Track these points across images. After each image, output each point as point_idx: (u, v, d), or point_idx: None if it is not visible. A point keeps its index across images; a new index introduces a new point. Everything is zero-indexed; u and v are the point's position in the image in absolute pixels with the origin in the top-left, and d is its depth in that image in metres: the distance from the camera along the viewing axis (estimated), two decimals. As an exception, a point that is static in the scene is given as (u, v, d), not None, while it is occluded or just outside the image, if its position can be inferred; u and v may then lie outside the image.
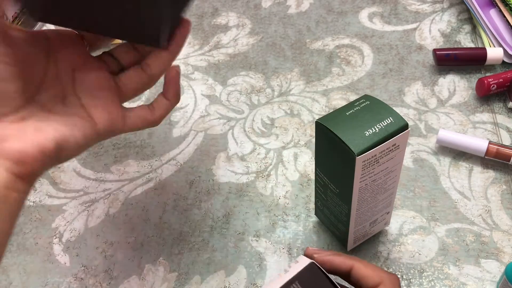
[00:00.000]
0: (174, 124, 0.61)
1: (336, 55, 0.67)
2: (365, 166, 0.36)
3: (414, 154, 0.54)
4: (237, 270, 0.46)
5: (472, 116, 0.57)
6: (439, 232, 0.47)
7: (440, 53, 0.61)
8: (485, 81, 0.57)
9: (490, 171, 0.51)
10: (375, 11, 0.74)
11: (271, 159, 0.55)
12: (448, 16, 0.71)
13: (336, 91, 0.62)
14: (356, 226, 0.42)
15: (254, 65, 0.68)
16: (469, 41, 0.66)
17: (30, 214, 0.54)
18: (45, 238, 0.51)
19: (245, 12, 0.78)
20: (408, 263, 0.45)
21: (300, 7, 0.77)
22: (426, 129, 0.56)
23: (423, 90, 0.61)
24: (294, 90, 0.63)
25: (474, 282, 0.43)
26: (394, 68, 0.64)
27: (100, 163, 0.58)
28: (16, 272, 0.49)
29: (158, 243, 0.50)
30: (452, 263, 0.44)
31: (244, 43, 0.72)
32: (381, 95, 0.61)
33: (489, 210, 0.48)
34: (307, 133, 0.58)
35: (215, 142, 0.58)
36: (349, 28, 0.71)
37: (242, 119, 0.61)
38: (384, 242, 0.47)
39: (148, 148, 0.59)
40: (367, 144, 0.35)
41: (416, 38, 0.68)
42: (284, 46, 0.70)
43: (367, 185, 0.38)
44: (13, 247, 0.51)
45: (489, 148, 0.51)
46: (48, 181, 0.57)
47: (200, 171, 0.55)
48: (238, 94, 0.64)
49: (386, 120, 0.37)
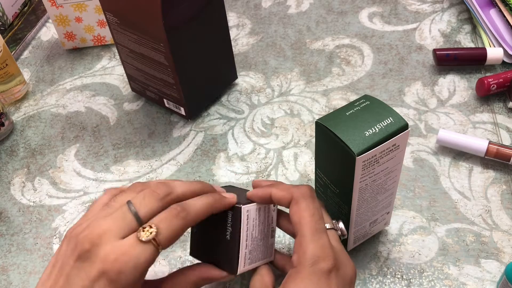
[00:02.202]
0: (174, 124, 0.61)
1: (336, 55, 0.67)
2: (365, 166, 0.36)
3: (414, 154, 0.54)
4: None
5: (472, 116, 0.57)
6: (439, 232, 0.47)
7: (440, 53, 0.61)
8: (485, 81, 0.57)
9: (490, 171, 0.51)
10: (375, 11, 0.74)
11: (271, 159, 0.55)
12: (448, 16, 0.71)
13: (336, 91, 0.62)
14: (356, 226, 0.42)
15: (254, 65, 0.68)
16: (469, 41, 0.66)
17: (30, 214, 0.54)
18: (45, 238, 0.51)
19: (245, 12, 0.78)
20: (408, 263, 0.45)
21: (300, 7, 0.77)
22: (426, 129, 0.56)
23: (423, 90, 0.61)
24: (294, 90, 0.63)
25: (474, 282, 0.43)
26: (394, 68, 0.64)
27: (100, 163, 0.58)
28: (16, 272, 0.49)
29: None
30: (452, 263, 0.44)
31: (244, 43, 0.72)
32: (381, 95, 0.61)
33: (489, 210, 0.48)
34: (307, 133, 0.58)
35: (215, 142, 0.58)
36: (349, 28, 0.71)
37: (242, 119, 0.61)
38: (384, 242, 0.47)
39: (148, 148, 0.59)
40: (367, 144, 0.35)
41: (416, 38, 0.68)
42: (284, 46, 0.70)
43: (367, 185, 0.38)
44: (13, 247, 0.51)
45: (489, 148, 0.51)
46: (48, 181, 0.57)
47: (200, 171, 0.55)
48: (238, 94, 0.64)
49: (386, 120, 0.37)
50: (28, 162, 0.60)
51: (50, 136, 0.63)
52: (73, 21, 0.72)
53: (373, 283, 0.44)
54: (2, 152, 0.62)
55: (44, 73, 0.73)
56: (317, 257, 0.33)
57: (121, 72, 0.70)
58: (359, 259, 0.45)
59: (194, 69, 0.57)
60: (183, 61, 0.55)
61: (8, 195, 0.56)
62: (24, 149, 0.61)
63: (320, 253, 0.33)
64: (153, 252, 0.32)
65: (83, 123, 0.64)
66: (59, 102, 0.67)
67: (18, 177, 0.58)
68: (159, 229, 0.32)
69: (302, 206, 0.35)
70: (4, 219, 0.54)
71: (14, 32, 0.81)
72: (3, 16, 0.80)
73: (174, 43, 0.53)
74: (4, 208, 0.55)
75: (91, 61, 0.73)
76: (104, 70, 0.71)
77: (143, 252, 0.32)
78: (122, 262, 0.31)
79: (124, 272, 0.31)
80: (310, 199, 0.36)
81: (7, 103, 0.68)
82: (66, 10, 0.70)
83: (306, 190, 0.36)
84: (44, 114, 0.66)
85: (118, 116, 0.64)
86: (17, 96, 0.68)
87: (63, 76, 0.72)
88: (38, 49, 0.78)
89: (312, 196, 0.36)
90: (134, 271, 0.32)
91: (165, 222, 0.33)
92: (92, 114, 0.65)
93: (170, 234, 0.33)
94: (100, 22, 0.72)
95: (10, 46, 0.77)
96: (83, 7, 0.70)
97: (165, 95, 0.60)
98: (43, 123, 0.64)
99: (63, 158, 0.59)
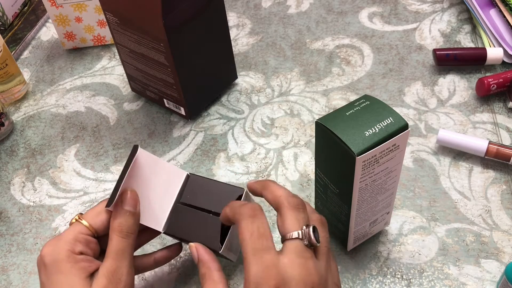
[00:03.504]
0: (174, 124, 0.61)
1: (336, 55, 0.67)
2: (365, 166, 0.36)
3: (414, 154, 0.54)
4: (238, 269, 0.46)
5: (472, 116, 0.57)
6: (439, 232, 0.47)
7: (440, 53, 0.61)
8: (485, 81, 0.57)
9: (490, 171, 0.51)
10: (375, 11, 0.74)
11: (271, 159, 0.55)
12: (448, 16, 0.71)
13: (336, 91, 0.62)
14: (356, 226, 0.42)
15: (254, 65, 0.68)
16: (469, 41, 0.66)
17: (30, 214, 0.54)
18: (45, 238, 0.51)
19: (245, 12, 0.78)
20: (408, 263, 0.45)
21: (300, 7, 0.77)
22: (426, 129, 0.56)
23: (423, 90, 0.61)
24: (294, 90, 0.63)
25: (474, 282, 0.43)
26: (394, 68, 0.64)
27: (100, 163, 0.58)
28: (16, 272, 0.49)
29: (159, 243, 0.50)
30: (452, 263, 0.44)
31: (244, 43, 0.72)
32: (381, 95, 0.61)
33: (489, 210, 0.48)
34: (307, 133, 0.58)
35: (215, 142, 0.58)
36: (349, 28, 0.71)
37: (242, 119, 0.61)
38: (384, 242, 0.47)
39: (148, 148, 0.59)
40: (367, 144, 0.35)
41: (416, 38, 0.68)
42: (284, 46, 0.70)
43: (367, 185, 0.38)
44: (13, 247, 0.51)
45: (489, 148, 0.51)
46: (48, 181, 0.57)
47: (200, 171, 0.55)
48: (238, 94, 0.64)
49: (386, 120, 0.37)
50: (28, 162, 0.60)
51: (50, 136, 0.63)
52: (73, 21, 0.72)
53: (373, 283, 0.44)
54: (2, 152, 0.62)
55: (44, 73, 0.73)
56: (259, 279, 0.31)
57: (121, 72, 0.70)
58: (359, 259, 0.45)
59: (194, 69, 0.57)
60: (183, 61, 0.55)
61: (8, 195, 0.56)
62: (24, 149, 0.61)
63: (262, 274, 0.31)
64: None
65: (83, 123, 0.64)
66: (59, 102, 0.67)
67: (18, 177, 0.58)
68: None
69: (241, 228, 0.34)
70: (4, 219, 0.54)
71: (14, 32, 0.81)
72: (3, 16, 0.80)
73: (174, 43, 0.53)
74: (4, 208, 0.55)
75: (91, 61, 0.73)
76: (104, 70, 0.71)
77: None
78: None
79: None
80: (249, 219, 0.34)
81: (7, 103, 0.68)
82: (66, 10, 0.70)
83: (246, 209, 0.35)
84: (44, 114, 0.66)
85: (118, 116, 0.64)
86: (17, 96, 0.68)
87: (63, 76, 0.72)
88: (38, 49, 0.78)
89: (252, 215, 0.34)
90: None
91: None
92: (92, 114, 0.65)
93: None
94: (100, 22, 0.72)
95: (10, 46, 0.77)
96: (83, 7, 0.70)
97: (165, 95, 0.60)
98: (43, 123, 0.64)
99: (63, 158, 0.59)
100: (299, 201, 0.36)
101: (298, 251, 0.33)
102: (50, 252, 0.37)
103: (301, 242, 0.33)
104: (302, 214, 0.35)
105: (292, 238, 0.33)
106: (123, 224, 0.38)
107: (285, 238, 0.34)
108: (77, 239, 0.37)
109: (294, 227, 0.34)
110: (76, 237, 0.37)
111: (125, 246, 0.37)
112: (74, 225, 0.38)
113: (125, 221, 0.38)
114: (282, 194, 0.36)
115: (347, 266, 0.45)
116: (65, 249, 0.36)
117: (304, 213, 0.35)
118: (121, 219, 0.38)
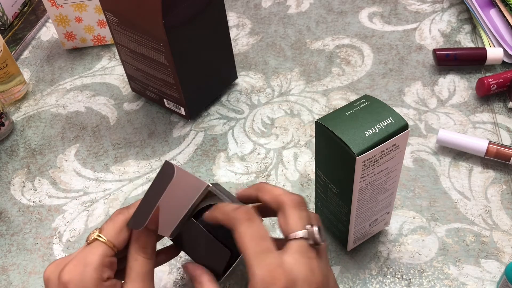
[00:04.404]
0: (174, 124, 0.61)
1: (336, 55, 0.67)
2: (365, 166, 0.36)
3: (414, 154, 0.54)
4: (237, 270, 0.46)
5: (472, 116, 0.57)
6: (439, 232, 0.47)
7: (440, 53, 0.61)
8: (485, 81, 0.57)
9: (490, 171, 0.51)
10: (375, 11, 0.74)
11: (271, 159, 0.55)
12: (448, 16, 0.71)
13: (336, 91, 0.62)
14: (356, 226, 0.42)
15: (254, 65, 0.68)
16: (469, 41, 0.66)
17: (30, 214, 0.54)
18: (45, 238, 0.51)
19: (245, 12, 0.78)
20: (408, 263, 0.45)
21: (300, 7, 0.77)
22: (426, 129, 0.56)
23: (423, 90, 0.61)
24: (294, 90, 0.63)
25: (474, 282, 0.43)
26: (394, 68, 0.64)
27: (100, 163, 0.58)
28: (16, 272, 0.49)
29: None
30: (452, 263, 0.44)
31: (244, 43, 0.72)
32: (381, 95, 0.61)
33: (489, 210, 0.48)
34: (307, 133, 0.58)
35: (215, 142, 0.58)
36: (349, 28, 0.71)
37: (242, 119, 0.61)
38: (384, 242, 0.47)
39: (148, 148, 0.59)
40: (367, 144, 0.35)
41: (416, 38, 0.68)
42: (284, 46, 0.70)
43: (367, 185, 0.38)
44: (13, 247, 0.51)
45: (489, 148, 0.51)
46: (48, 181, 0.57)
47: (200, 171, 0.55)
48: (238, 94, 0.64)
49: (386, 120, 0.37)
50: (28, 162, 0.60)
51: (50, 136, 0.63)
52: (73, 21, 0.72)
53: (373, 283, 0.44)
54: (2, 152, 0.62)
55: (44, 73, 0.73)
56: (266, 283, 0.31)
57: (121, 72, 0.70)
58: (359, 259, 0.45)
59: (194, 69, 0.57)
60: (183, 61, 0.55)
61: (8, 195, 0.56)
62: (24, 149, 0.61)
63: (268, 277, 0.31)
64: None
65: (83, 123, 0.64)
66: (59, 102, 0.67)
67: (18, 177, 0.58)
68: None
69: (239, 233, 0.33)
70: (4, 219, 0.54)
71: (14, 32, 0.81)
72: (3, 16, 0.80)
73: (174, 43, 0.53)
74: (4, 208, 0.55)
75: (91, 61, 0.73)
76: (104, 70, 0.71)
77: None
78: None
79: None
80: (246, 223, 0.33)
81: (7, 103, 0.68)
82: (66, 10, 0.70)
83: (241, 213, 0.34)
84: (44, 114, 0.66)
85: (118, 116, 0.64)
86: (17, 96, 0.68)
87: (63, 76, 0.72)
88: (38, 49, 0.78)
89: (248, 218, 0.34)
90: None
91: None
92: (92, 114, 0.65)
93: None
94: (100, 22, 0.72)
95: (10, 46, 0.77)
96: (83, 7, 0.70)
97: (165, 95, 0.60)
98: (43, 123, 0.64)
99: (63, 158, 0.59)
100: (300, 199, 0.36)
101: (303, 250, 0.33)
102: (77, 281, 0.34)
103: (305, 241, 0.33)
104: (305, 212, 0.35)
105: (297, 237, 0.33)
106: (149, 245, 0.36)
107: (289, 237, 0.33)
108: (104, 265, 0.35)
109: (298, 226, 0.34)
110: (103, 262, 0.35)
111: (151, 267, 0.36)
112: (97, 246, 0.35)
113: (150, 241, 0.37)
114: (282, 192, 0.36)
115: (347, 266, 0.45)
116: (93, 278, 0.34)
117: (306, 211, 0.35)
118: (147, 239, 0.36)
